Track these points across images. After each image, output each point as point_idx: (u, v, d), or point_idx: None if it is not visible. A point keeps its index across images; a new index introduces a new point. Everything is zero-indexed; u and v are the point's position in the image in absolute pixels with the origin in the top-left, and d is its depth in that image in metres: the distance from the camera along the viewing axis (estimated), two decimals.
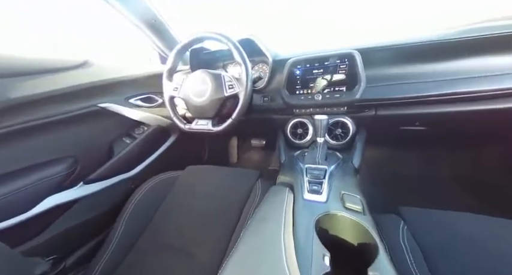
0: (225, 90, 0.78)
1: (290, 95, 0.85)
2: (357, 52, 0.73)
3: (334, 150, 0.88)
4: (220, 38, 0.75)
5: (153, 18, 1.00)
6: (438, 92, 0.70)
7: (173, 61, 0.85)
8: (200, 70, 0.83)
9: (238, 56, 0.74)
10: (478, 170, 1.12)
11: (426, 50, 0.72)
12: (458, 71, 0.69)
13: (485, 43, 0.67)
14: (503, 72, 0.65)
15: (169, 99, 0.88)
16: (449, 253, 0.48)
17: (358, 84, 0.73)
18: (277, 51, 0.96)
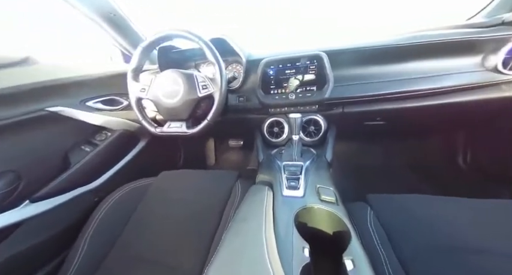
0: (198, 90, 0.75)
1: (265, 94, 0.86)
2: (324, 54, 0.78)
3: (309, 146, 0.92)
4: (191, 36, 0.72)
5: (111, 11, 0.91)
6: (392, 90, 0.79)
7: (138, 60, 0.79)
8: (170, 70, 0.78)
9: (211, 56, 0.72)
10: (427, 158, 1.30)
11: (381, 53, 0.81)
12: (405, 72, 0.79)
13: (425, 48, 0.77)
14: (439, 74, 0.76)
15: (136, 101, 0.81)
16: (408, 231, 0.55)
17: (327, 84, 0.78)
18: (250, 52, 0.97)
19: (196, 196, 0.80)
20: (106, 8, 0.90)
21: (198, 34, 0.72)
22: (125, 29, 1.01)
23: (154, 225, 0.73)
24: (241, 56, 0.89)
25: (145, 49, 0.78)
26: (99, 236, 0.70)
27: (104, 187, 1.00)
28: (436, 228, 0.53)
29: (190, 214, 0.74)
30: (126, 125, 1.07)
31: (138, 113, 0.82)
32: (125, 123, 1.07)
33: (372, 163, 1.42)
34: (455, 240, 0.49)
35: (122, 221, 0.75)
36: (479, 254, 0.46)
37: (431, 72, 0.77)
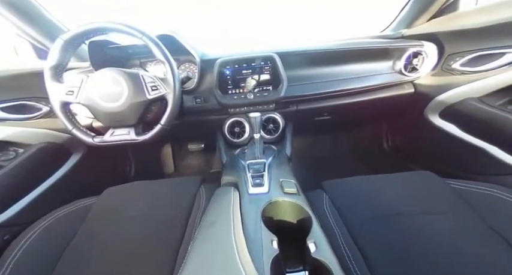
0: (147, 92, 0.67)
1: (223, 95, 0.85)
2: (277, 55, 0.83)
3: (270, 143, 0.97)
4: (131, 31, 0.62)
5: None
6: (334, 89, 0.92)
7: (59, 56, 0.63)
8: (108, 68, 0.67)
9: (159, 53, 0.65)
10: (363, 144, 1.56)
11: (323, 56, 0.92)
12: (343, 73, 0.93)
13: (355, 53, 0.93)
14: (366, 75, 0.93)
15: (61, 106, 0.66)
16: (355, 208, 0.64)
17: (281, 84, 0.84)
18: (203, 51, 0.93)
19: (154, 209, 0.70)
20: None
21: (140, 29, 0.63)
22: (34, 16, 0.81)
23: (101, 253, 0.59)
24: (194, 55, 0.85)
25: (67, 43, 0.63)
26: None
27: (17, 220, 0.77)
28: (375, 201, 0.65)
29: (147, 231, 0.63)
30: (49, 137, 0.86)
31: (66, 121, 0.67)
32: (47, 134, 0.85)
33: (324, 153, 1.61)
34: (389, 209, 0.62)
35: (51, 258, 0.57)
36: (405, 216, 0.59)
37: (360, 73, 0.93)
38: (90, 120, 0.90)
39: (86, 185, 0.98)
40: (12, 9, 0.75)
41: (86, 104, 0.66)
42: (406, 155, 1.30)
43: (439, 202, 0.61)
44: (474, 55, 0.77)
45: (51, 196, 0.89)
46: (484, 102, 0.73)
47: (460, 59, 0.81)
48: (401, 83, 0.96)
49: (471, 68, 0.78)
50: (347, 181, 0.75)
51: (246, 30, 1.47)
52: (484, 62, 0.74)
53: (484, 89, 0.73)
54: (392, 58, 0.94)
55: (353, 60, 0.93)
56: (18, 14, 0.78)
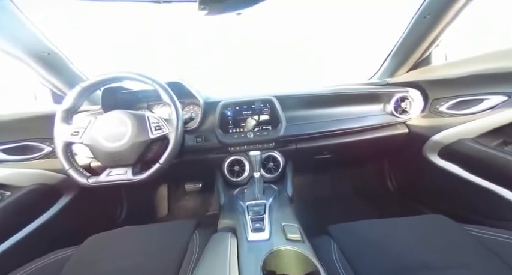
0: (150, 131, 0.69)
1: (224, 134, 0.88)
2: (275, 98, 0.90)
3: (270, 183, 0.93)
4: (144, 79, 0.70)
5: (45, 50, 0.83)
6: (331, 128, 0.96)
7: (74, 100, 0.69)
8: (116, 110, 0.71)
9: (166, 97, 0.71)
10: (367, 184, 1.51)
11: (318, 100, 1.00)
12: (338, 114, 0.99)
13: (347, 97, 1.01)
14: (361, 116, 0.99)
15: (64, 146, 0.67)
16: (364, 257, 0.57)
17: (280, 124, 0.88)
18: (207, 95, 1.01)
19: (139, 261, 0.61)
20: (39, 47, 0.81)
21: (151, 77, 0.71)
22: (60, 68, 0.91)
23: None
24: (198, 99, 0.92)
25: (85, 89, 0.70)
26: None
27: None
28: (390, 251, 0.58)
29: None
30: (43, 178, 0.83)
31: (64, 161, 0.67)
32: (40, 175, 0.84)
33: (327, 192, 1.53)
34: (408, 260, 0.54)
35: None
36: (428, 270, 0.51)
37: (355, 114, 0.99)
38: (88, 160, 0.90)
39: (70, 231, 0.89)
40: (41, 62, 0.86)
41: (88, 144, 0.67)
42: (412, 195, 1.23)
43: (461, 252, 0.55)
44: (457, 100, 0.84)
45: (29, 245, 0.80)
46: (480, 142, 0.75)
47: (445, 104, 0.88)
48: (395, 124, 1.01)
49: (458, 111, 0.83)
50: (355, 226, 0.69)
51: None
52: (468, 106, 0.80)
53: (476, 130, 0.76)
54: (382, 102, 1.02)
55: (347, 103, 1.01)
56: (46, 67, 0.88)
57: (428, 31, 0.86)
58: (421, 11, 0.83)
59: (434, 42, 0.92)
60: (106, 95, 0.92)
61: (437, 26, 0.84)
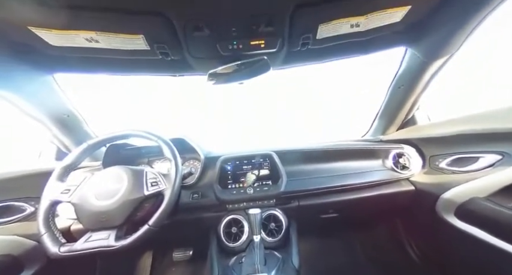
0: (145, 187, 0.67)
1: (222, 189, 0.84)
2: (274, 153, 0.92)
3: (272, 249, 0.81)
4: (149, 136, 0.74)
5: (66, 113, 0.91)
6: (334, 184, 0.92)
7: (76, 157, 0.71)
8: (116, 166, 0.71)
9: (168, 152, 0.72)
10: (382, 249, 1.30)
11: (319, 154, 1.02)
12: (339, 169, 0.98)
13: (346, 152, 1.03)
14: (362, 171, 0.98)
15: (49, 206, 0.63)
16: None
17: (281, 179, 0.86)
18: (208, 150, 1.04)
19: None
20: (62, 110, 0.89)
21: (156, 133, 0.75)
22: (74, 128, 0.98)
23: None
24: (199, 153, 0.94)
25: (91, 146, 0.73)
26: None
27: None
28: None
29: None
30: (9, 247, 0.73)
31: (41, 224, 0.61)
32: (8, 244, 0.74)
33: (339, 260, 1.30)
34: None
35: None
36: None
37: (356, 169, 0.98)
38: (69, 223, 0.82)
39: None
40: (59, 123, 0.92)
41: (75, 203, 0.64)
42: (438, 264, 1.04)
43: None
44: (453, 157, 0.86)
45: None
46: (493, 201, 0.71)
47: (443, 160, 0.90)
48: (398, 180, 0.99)
49: (458, 168, 0.84)
50: None
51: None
52: (466, 163, 0.81)
53: (485, 189, 0.74)
54: (380, 157, 1.04)
55: (346, 158, 1.02)
56: (62, 127, 0.93)
57: (405, 99, 0.99)
58: (394, 83, 0.98)
59: (414, 107, 1.04)
60: (110, 152, 0.94)
61: (411, 95, 0.96)
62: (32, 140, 1.04)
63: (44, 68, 0.74)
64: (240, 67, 0.70)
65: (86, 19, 0.54)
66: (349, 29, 0.65)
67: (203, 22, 0.57)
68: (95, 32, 0.57)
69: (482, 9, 0.60)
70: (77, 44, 0.61)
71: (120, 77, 0.87)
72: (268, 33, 0.62)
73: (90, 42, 0.61)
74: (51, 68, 0.76)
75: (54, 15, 0.52)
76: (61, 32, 0.57)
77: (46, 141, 1.02)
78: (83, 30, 0.57)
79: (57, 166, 0.69)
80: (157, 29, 0.58)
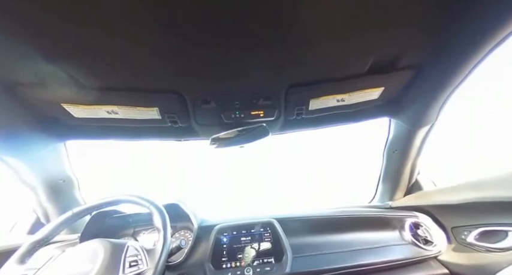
0: (121, 269, 0.54)
1: (216, 270, 0.69)
2: (276, 221, 0.83)
3: None
4: (141, 201, 0.68)
5: (63, 178, 0.89)
6: (350, 263, 0.77)
7: (53, 228, 0.62)
8: (94, 240, 0.61)
9: (159, 221, 0.64)
10: None
11: (326, 223, 0.91)
12: (352, 243, 0.84)
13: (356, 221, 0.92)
14: (379, 245, 0.84)
15: None
16: None
17: (285, 255, 0.73)
18: (203, 218, 0.93)
19: None
20: (59, 175, 0.87)
21: (149, 199, 0.70)
22: (65, 194, 0.92)
23: None
24: (193, 222, 0.84)
25: (75, 215, 0.65)
26: None
27: None
28: None
29: None
30: None
31: None
32: None
33: None
34: None
35: None
36: None
37: (371, 243, 0.85)
38: None
39: None
40: (51, 190, 0.86)
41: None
42: None
43: None
44: (480, 230, 0.77)
45: None
46: None
47: (469, 234, 0.80)
48: (426, 260, 0.84)
49: (491, 244, 0.74)
50: None
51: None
52: (497, 238, 0.72)
53: None
54: (395, 228, 0.92)
55: (357, 229, 0.90)
56: (52, 194, 0.87)
57: (402, 163, 0.97)
58: (387, 148, 1.00)
59: (414, 172, 1.01)
60: (93, 221, 0.84)
61: (408, 160, 0.96)
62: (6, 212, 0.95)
63: (61, 136, 0.78)
64: (241, 133, 0.76)
65: (112, 96, 0.63)
66: (336, 102, 0.76)
67: (211, 97, 0.67)
68: (116, 106, 0.66)
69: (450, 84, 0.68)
70: (98, 115, 0.69)
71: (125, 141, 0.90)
72: (266, 105, 0.71)
73: (110, 114, 0.68)
74: (67, 136, 0.80)
75: (87, 93, 0.61)
76: (88, 106, 0.65)
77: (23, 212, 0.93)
78: (107, 104, 0.65)
79: (26, 242, 0.59)
80: (171, 103, 0.67)
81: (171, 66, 0.56)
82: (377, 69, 0.66)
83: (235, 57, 0.55)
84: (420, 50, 0.63)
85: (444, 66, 0.65)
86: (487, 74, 0.69)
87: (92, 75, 0.57)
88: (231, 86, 0.65)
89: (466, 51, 0.59)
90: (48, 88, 0.59)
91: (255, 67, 0.58)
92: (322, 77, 0.66)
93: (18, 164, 0.75)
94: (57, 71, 0.54)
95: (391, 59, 0.64)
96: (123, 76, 0.58)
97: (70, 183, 0.92)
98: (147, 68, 0.56)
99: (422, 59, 0.66)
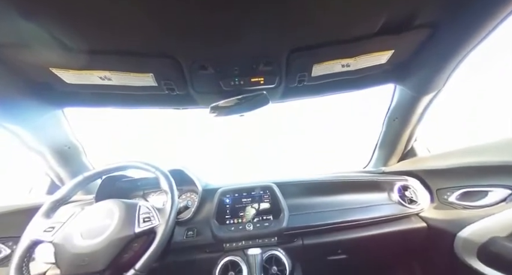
0: (136, 224, 0.62)
1: (220, 225, 0.78)
2: (275, 185, 0.89)
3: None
4: (147, 167, 0.73)
5: (67, 145, 0.92)
6: (340, 219, 0.86)
7: (69, 190, 0.67)
8: (109, 200, 0.67)
9: (165, 184, 0.70)
10: None
11: (321, 186, 0.98)
12: (344, 203, 0.92)
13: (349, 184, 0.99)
14: (368, 205, 0.92)
15: (27, 248, 0.58)
16: None
17: (282, 213, 0.81)
18: (207, 181, 1.00)
19: None
20: (63, 142, 0.90)
21: (154, 165, 0.74)
22: (72, 160, 0.97)
23: None
24: (197, 185, 0.90)
25: (86, 178, 0.70)
26: None
27: None
28: None
29: None
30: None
31: (12, 271, 0.54)
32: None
33: None
34: None
35: None
36: None
37: (361, 203, 0.93)
38: (45, 268, 0.73)
39: None
40: (58, 155, 0.91)
41: (57, 243, 0.58)
42: None
43: None
44: (461, 191, 0.83)
45: None
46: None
47: (451, 194, 0.86)
48: (408, 216, 0.93)
49: (469, 202, 0.80)
50: None
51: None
52: (476, 198, 0.78)
53: (504, 227, 0.69)
54: (385, 190, 0.99)
55: (350, 191, 0.98)
56: (60, 159, 0.92)
57: (401, 131, 1.00)
58: (388, 116, 1.01)
59: (411, 139, 1.04)
60: (104, 184, 0.90)
61: (407, 127, 0.98)
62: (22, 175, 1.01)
63: (56, 103, 0.78)
64: (240, 101, 0.74)
65: (102, 60, 0.60)
66: (341, 68, 0.72)
67: (208, 62, 0.63)
68: (108, 71, 0.63)
69: (464, 47, 0.64)
70: (91, 81, 0.66)
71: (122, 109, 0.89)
72: (267, 71, 0.67)
73: (103, 80, 0.66)
74: (63, 103, 0.79)
75: (75, 57, 0.58)
76: (78, 72, 0.62)
77: (39, 175, 1.00)
78: (98, 70, 0.62)
79: (47, 201, 0.65)
80: (166, 69, 0.64)
81: (164, 28, 0.51)
82: (389, 29, 0.60)
83: (233, 18, 0.49)
84: (438, 6, 0.56)
85: (461, 25, 0.59)
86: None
87: (78, 37, 0.52)
88: (229, 50, 0.60)
89: (487, 8, 0.53)
90: (33, 51, 0.56)
91: (255, 29, 0.53)
92: (327, 39, 0.61)
93: (20, 131, 0.77)
94: (39, 31, 0.50)
95: (406, 16, 0.58)
96: (112, 38, 0.54)
97: (75, 149, 0.95)
98: (138, 30, 0.52)
99: (439, 17, 0.59)
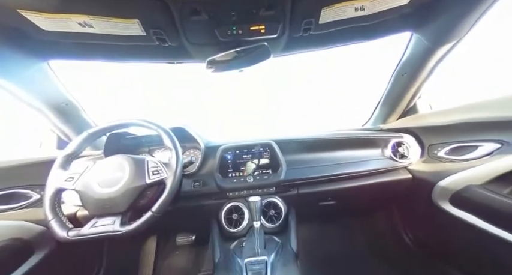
0: (147, 176, 0.68)
1: (223, 178, 0.86)
2: (274, 142, 0.92)
3: (272, 234, 0.84)
4: (149, 125, 0.74)
5: (63, 101, 0.90)
6: (333, 172, 0.94)
7: (77, 145, 0.71)
8: (117, 155, 0.72)
9: (168, 141, 0.72)
10: (379, 236, 1.34)
11: (318, 143, 1.02)
12: (339, 158, 0.98)
13: (346, 141, 1.03)
14: (361, 160, 0.98)
15: (54, 193, 0.65)
16: None
17: (281, 167, 0.87)
18: (208, 139, 1.04)
19: None
20: (59, 99, 0.88)
21: (156, 122, 0.75)
22: (73, 116, 0.97)
23: None
24: (199, 143, 0.94)
25: (91, 135, 0.73)
26: None
27: None
28: None
29: None
30: (19, 232, 0.76)
31: (48, 210, 0.63)
32: (18, 228, 0.76)
33: (336, 248, 1.35)
34: None
35: None
36: None
37: (354, 158, 0.99)
38: (75, 209, 0.85)
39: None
40: (57, 112, 0.92)
41: (79, 191, 0.65)
42: (433, 251, 1.08)
43: None
44: (452, 146, 0.86)
45: None
46: (489, 189, 0.72)
47: (442, 149, 0.90)
48: (397, 169, 1.00)
49: (456, 156, 0.84)
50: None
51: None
52: (464, 152, 0.81)
53: (481, 177, 0.74)
54: (379, 147, 1.04)
55: (345, 147, 1.02)
56: (60, 116, 0.94)
57: (408, 87, 0.97)
58: (398, 71, 0.95)
59: (416, 95, 1.02)
60: (110, 141, 0.94)
61: (415, 83, 0.95)
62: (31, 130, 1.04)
63: (38, 54, 0.72)
64: (239, 54, 0.68)
65: (77, 2, 0.52)
66: (354, 12, 0.62)
67: (201, 5, 0.54)
68: (87, 16, 0.55)
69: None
70: (70, 29, 0.59)
71: (118, 64, 0.85)
72: (268, 17, 0.59)
73: (84, 27, 0.58)
74: (45, 55, 0.74)
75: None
76: (52, 15, 0.55)
77: (46, 131, 1.03)
78: (75, 13, 0.54)
79: (59, 155, 0.69)
80: (152, 13, 0.56)
81: None
82: None
83: None
84: None
85: None
86: None
87: None
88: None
89: None
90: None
91: None
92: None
93: (8, 85, 0.75)
94: None
95: None
96: None
97: (73, 106, 0.95)
98: None
99: None
